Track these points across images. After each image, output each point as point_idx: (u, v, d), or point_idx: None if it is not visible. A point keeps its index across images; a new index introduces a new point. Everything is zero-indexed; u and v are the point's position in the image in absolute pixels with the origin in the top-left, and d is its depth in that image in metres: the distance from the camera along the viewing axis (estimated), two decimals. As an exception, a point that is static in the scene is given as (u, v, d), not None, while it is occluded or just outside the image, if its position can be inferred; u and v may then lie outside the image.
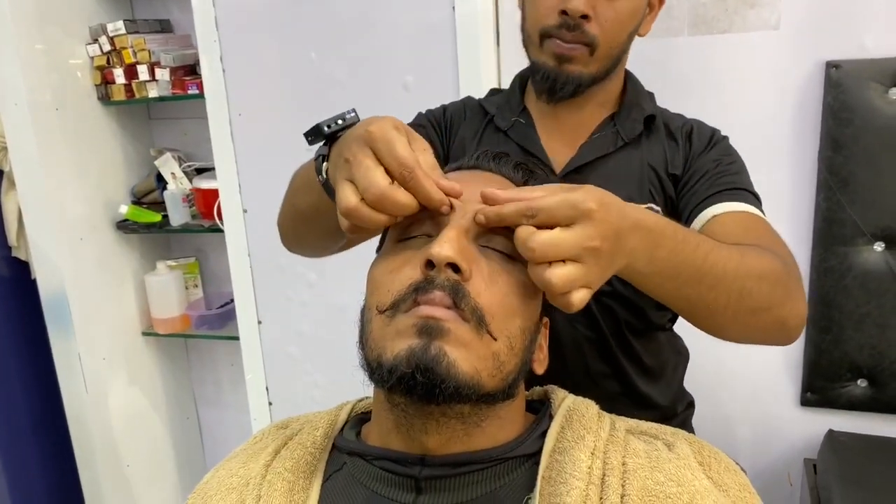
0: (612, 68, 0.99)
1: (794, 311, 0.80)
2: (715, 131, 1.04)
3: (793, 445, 1.75)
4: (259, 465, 0.75)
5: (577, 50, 0.94)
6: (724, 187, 0.94)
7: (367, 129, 0.63)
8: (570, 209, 0.60)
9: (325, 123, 0.74)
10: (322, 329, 1.98)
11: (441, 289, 0.64)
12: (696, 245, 0.71)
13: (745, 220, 0.90)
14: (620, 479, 0.66)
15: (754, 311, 0.76)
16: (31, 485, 2.24)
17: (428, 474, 0.68)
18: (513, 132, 1.04)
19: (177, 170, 2.15)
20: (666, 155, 1.01)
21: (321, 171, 0.75)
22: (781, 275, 0.78)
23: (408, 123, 1.08)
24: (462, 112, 1.11)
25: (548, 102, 1.01)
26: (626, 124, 1.02)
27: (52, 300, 2.06)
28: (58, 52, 1.99)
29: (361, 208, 0.63)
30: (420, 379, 0.61)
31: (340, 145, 0.69)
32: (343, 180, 0.64)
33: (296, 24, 1.80)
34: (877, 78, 1.51)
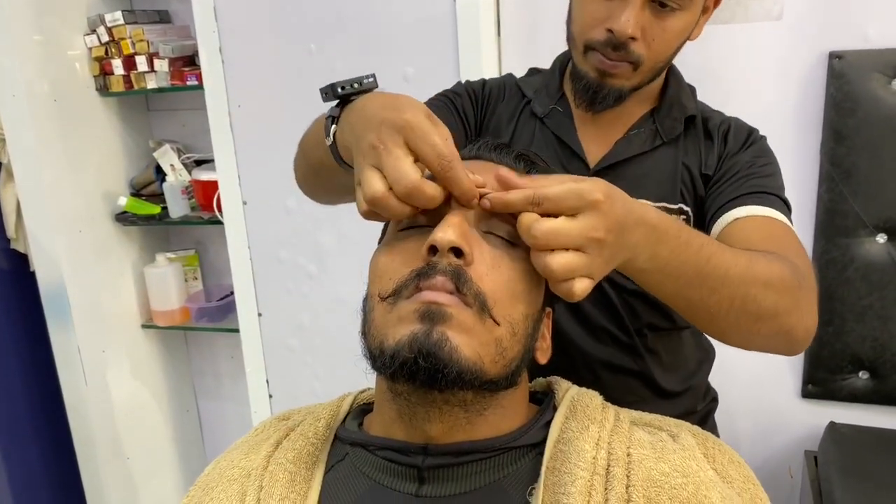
0: (656, 76, 0.97)
1: (802, 322, 0.78)
2: (752, 131, 1.01)
3: (794, 437, 1.75)
4: (261, 456, 0.75)
5: (620, 67, 0.91)
6: (752, 190, 0.92)
7: (402, 117, 0.61)
8: (576, 199, 0.60)
9: (340, 84, 0.73)
10: (322, 321, 1.97)
11: (443, 274, 0.63)
12: (700, 246, 0.70)
13: (768, 225, 0.88)
14: (625, 470, 0.65)
15: (758, 317, 0.75)
16: (31, 478, 2.24)
17: (431, 463, 0.68)
18: (549, 120, 1.02)
19: (176, 161, 2.14)
20: (701, 155, 0.99)
21: (329, 132, 0.74)
22: (791, 284, 0.76)
23: (444, 91, 1.07)
24: (501, 90, 1.08)
25: (586, 111, 0.98)
26: (665, 122, 1.00)
27: (51, 293, 2.05)
28: (56, 43, 1.98)
29: (389, 199, 0.61)
30: (422, 364, 0.61)
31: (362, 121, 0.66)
32: (370, 167, 0.62)
33: (295, 15, 1.79)
34: (880, 69, 1.50)
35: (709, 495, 0.64)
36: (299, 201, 1.91)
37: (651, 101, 1.02)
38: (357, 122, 0.67)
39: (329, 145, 0.74)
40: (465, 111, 1.04)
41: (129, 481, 2.27)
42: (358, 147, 0.65)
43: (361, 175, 0.63)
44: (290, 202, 1.91)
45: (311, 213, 1.90)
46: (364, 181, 0.62)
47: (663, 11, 0.89)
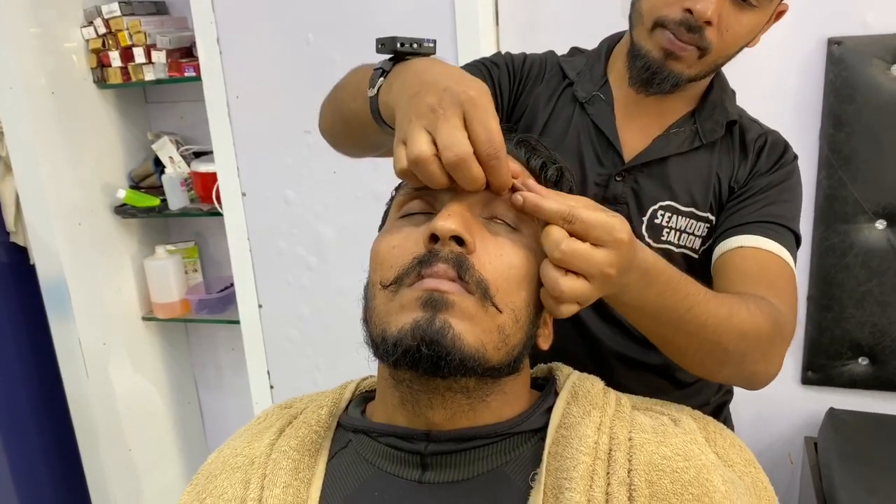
0: (711, 73, 0.96)
1: (765, 370, 0.82)
2: (785, 152, 1.00)
3: (794, 424, 1.76)
4: (264, 444, 0.75)
5: (688, 51, 0.89)
6: (765, 219, 0.92)
7: (467, 92, 0.61)
8: (606, 232, 0.61)
9: (400, 40, 0.72)
10: (322, 312, 1.98)
11: (445, 261, 0.63)
12: (686, 294, 0.72)
13: (767, 261, 0.89)
14: (627, 454, 0.66)
15: (724, 362, 0.78)
16: (33, 470, 2.24)
17: (434, 450, 0.68)
18: (590, 107, 1.00)
19: (174, 153, 2.14)
20: (734, 167, 0.98)
21: (374, 84, 0.73)
22: (766, 335, 0.79)
23: (483, 59, 1.05)
24: (542, 68, 1.05)
25: (638, 92, 0.96)
26: (706, 125, 0.98)
27: (51, 286, 2.05)
28: (52, 35, 1.97)
29: (433, 163, 0.61)
30: (425, 352, 0.61)
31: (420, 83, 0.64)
32: (421, 128, 0.61)
33: (292, 5, 1.78)
34: (879, 54, 1.50)
35: (710, 478, 0.65)
36: (298, 192, 1.91)
37: (693, 102, 1.00)
38: (413, 81, 0.66)
39: (370, 97, 0.73)
40: (500, 84, 1.02)
41: (132, 473, 2.27)
42: (410, 106, 0.63)
43: (410, 133, 0.62)
44: (290, 193, 1.91)
45: (310, 204, 1.90)
46: (412, 139, 0.61)
47: (742, 5, 0.88)
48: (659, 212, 0.98)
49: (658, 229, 0.98)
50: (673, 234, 0.98)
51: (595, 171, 0.99)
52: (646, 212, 0.98)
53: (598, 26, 1.64)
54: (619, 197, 0.98)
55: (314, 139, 1.83)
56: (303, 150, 1.86)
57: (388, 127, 0.73)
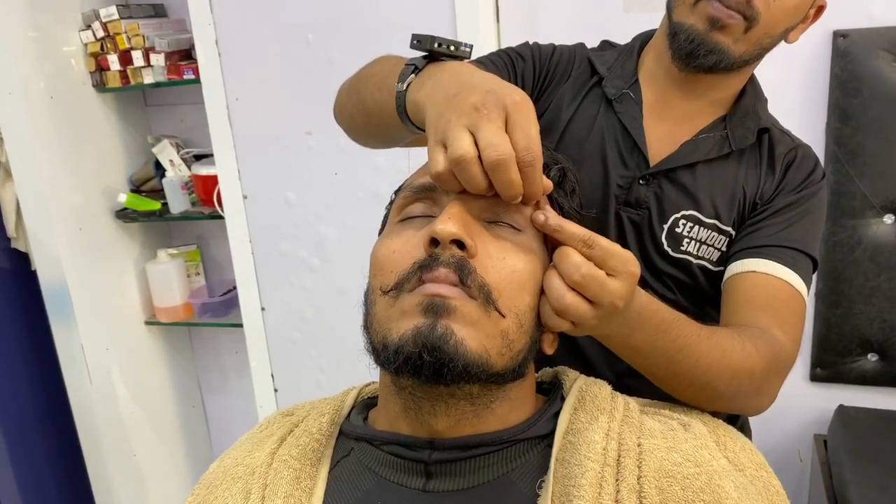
0: (752, 59, 0.92)
1: (757, 404, 0.83)
2: (814, 171, 0.97)
3: (803, 421, 1.74)
4: (264, 453, 0.73)
5: (735, 18, 0.86)
6: (783, 243, 0.91)
7: (512, 96, 0.60)
8: (621, 263, 0.63)
9: (438, 40, 0.71)
10: (325, 314, 1.96)
11: (446, 266, 0.62)
12: (678, 336, 0.72)
13: (777, 290, 0.88)
14: (636, 461, 0.64)
15: (713, 399, 0.78)
16: (39, 476, 2.24)
17: (438, 458, 0.67)
18: (619, 105, 0.97)
19: (175, 157, 2.13)
20: (760, 182, 0.96)
21: (404, 80, 0.72)
22: (760, 374, 0.78)
23: (508, 49, 1.03)
24: (570, 63, 1.02)
25: (681, 69, 0.92)
26: (737, 131, 0.96)
27: (52, 291, 2.04)
28: (51, 39, 1.96)
29: (475, 165, 0.59)
30: (427, 359, 0.60)
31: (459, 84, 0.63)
32: (463, 128, 0.60)
33: (291, 6, 1.77)
34: (885, 46, 1.48)
35: (722, 484, 0.63)
36: (300, 194, 1.90)
37: (725, 107, 0.98)
38: (451, 82, 0.65)
39: (398, 92, 0.72)
40: (523, 76, 1.00)
41: (137, 478, 2.26)
42: (450, 105, 0.62)
43: (451, 132, 0.60)
44: (291, 195, 1.90)
45: (312, 205, 1.89)
46: (453, 140, 0.60)
47: None
48: (681, 221, 0.95)
49: (678, 238, 0.96)
50: (693, 245, 0.96)
51: (618, 172, 0.97)
52: (667, 219, 0.96)
53: (600, 24, 1.64)
54: (640, 201, 0.96)
55: (315, 140, 1.82)
56: (304, 152, 1.85)
57: (411, 124, 0.72)
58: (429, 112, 0.65)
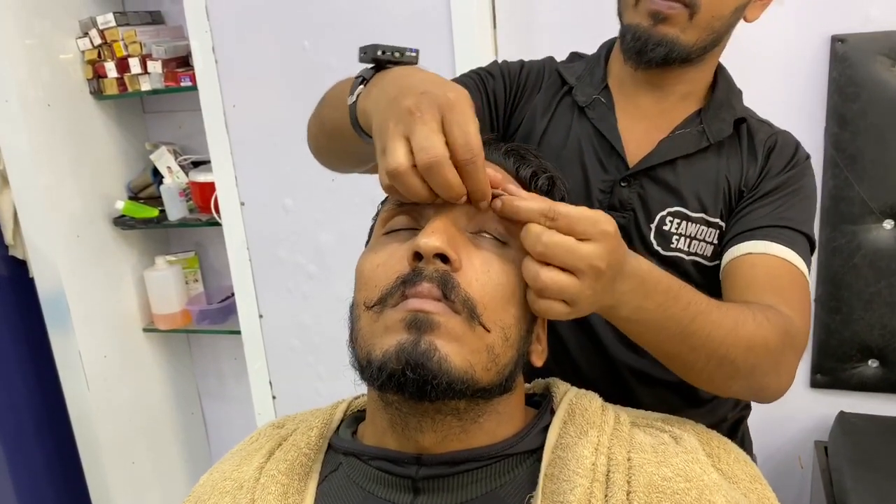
0: (708, 46, 0.92)
1: (776, 383, 0.79)
2: (798, 151, 0.97)
3: (803, 428, 1.73)
4: (252, 467, 0.73)
5: (675, 9, 0.86)
6: (776, 223, 0.89)
7: (446, 95, 0.59)
8: (590, 224, 0.59)
9: (382, 48, 0.70)
10: (323, 321, 1.96)
11: (430, 280, 0.61)
12: (688, 303, 0.70)
13: (777, 268, 0.86)
14: (626, 476, 0.63)
15: (732, 377, 0.75)
16: (37, 485, 2.23)
17: (425, 474, 0.66)
18: (591, 111, 0.97)
19: (173, 164, 2.13)
20: (743, 169, 0.95)
21: (354, 91, 0.71)
22: (775, 347, 0.76)
23: (478, 69, 1.03)
24: (540, 76, 1.03)
25: (636, 68, 0.93)
26: (713, 124, 0.95)
27: (50, 298, 2.04)
28: (48, 47, 1.96)
29: (410, 175, 0.58)
30: (411, 375, 0.59)
31: (399, 88, 0.63)
32: (399, 136, 0.59)
33: (288, 12, 1.77)
34: (883, 51, 1.47)
35: (713, 500, 0.62)
36: (297, 200, 1.89)
37: (698, 101, 0.98)
38: (392, 88, 0.64)
39: (350, 105, 0.72)
40: (495, 95, 1.00)
41: (136, 485, 2.26)
42: (389, 111, 0.61)
43: (388, 142, 0.60)
44: (288, 201, 1.90)
45: (309, 211, 1.89)
46: (389, 150, 0.59)
47: None
48: (668, 218, 0.94)
49: (667, 236, 0.95)
50: (683, 242, 0.94)
51: (599, 177, 0.96)
52: (654, 218, 0.95)
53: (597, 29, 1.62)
54: (625, 203, 0.95)
55: (312, 147, 1.82)
56: (301, 158, 1.83)
57: (366, 136, 0.71)
58: (374, 120, 0.65)
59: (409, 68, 0.68)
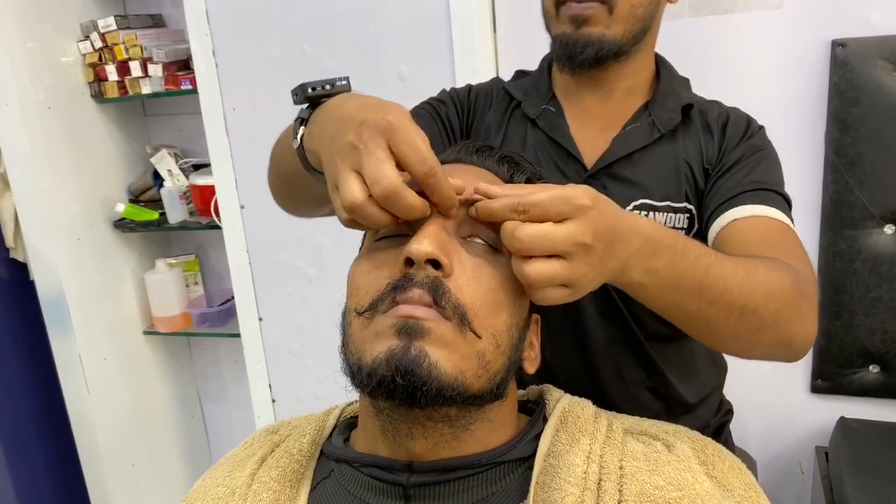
0: (638, 35, 0.93)
1: (803, 331, 0.76)
2: (751, 121, 0.98)
3: (804, 433, 1.72)
4: (245, 473, 0.73)
5: (592, 8, 0.88)
6: (751, 187, 0.89)
7: (386, 118, 0.58)
8: (563, 204, 0.58)
9: (311, 84, 0.70)
10: (323, 324, 1.96)
11: (420, 286, 0.61)
12: (698, 257, 0.68)
13: (767, 227, 0.86)
14: (617, 484, 0.63)
15: (758, 328, 0.73)
16: (36, 488, 2.23)
17: (416, 481, 0.65)
18: (542, 121, 0.98)
19: (173, 167, 2.13)
20: (701, 148, 0.96)
21: (297, 135, 0.71)
22: (792, 293, 0.74)
23: (429, 99, 1.04)
24: (488, 96, 1.04)
25: (572, 74, 0.95)
26: (662, 114, 0.96)
27: (50, 301, 2.04)
28: (49, 50, 1.97)
29: (368, 206, 0.58)
30: (400, 382, 0.58)
31: (337, 122, 0.62)
32: (349, 170, 0.58)
33: (288, 16, 1.77)
34: (884, 56, 1.47)
35: (705, 508, 0.62)
36: (297, 204, 1.89)
37: (644, 95, 0.99)
38: (329, 122, 0.64)
39: (296, 149, 0.71)
40: (449, 120, 1.02)
41: (135, 488, 2.26)
42: (333, 148, 0.61)
43: (339, 178, 0.59)
44: (288, 205, 1.89)
45: (309, 215, 1.89)
46: (342, 186, 0.59)
47: None
48: (634, 211, 0.94)
49: None
50: None
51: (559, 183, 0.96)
52: None
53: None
54: None
55: (311, 150, 1.82)
56: (301, 162, 1.84)
57: (321, 175, 0.70)
58: (322, 159, 0.64)
59: (342, 97, 0.68)
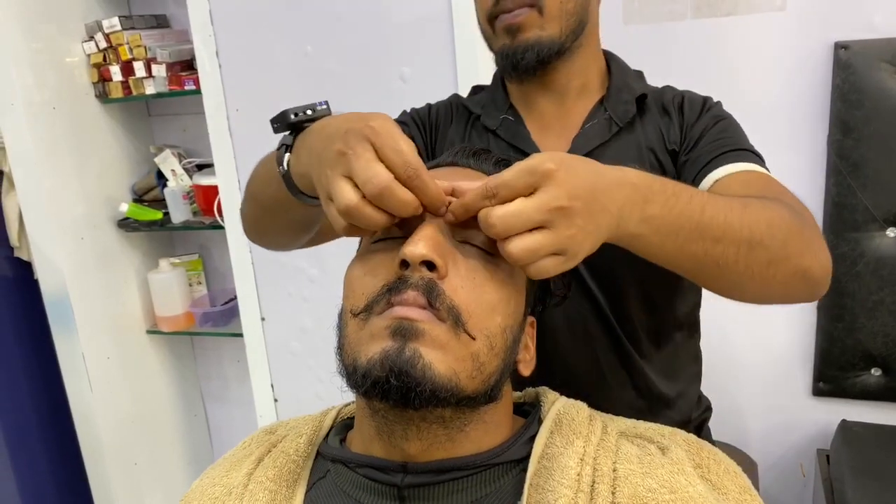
0: (576, 30, 0.93)
1: (817, 259, 0.74)
2: (706, 98, 0.99)
3: (805, 436, 1.72)
4: (241, 473, 0.73)
5: (522, 14, 0.89)
6: (723, 150, 0.90)
7: (369, 125, 0.59)
8: (528, 176, 0.58)
9: (292, 111, 0.71)
10: (324, 324, 1.94)
11: (415, 288, 0.61)
12: (690, 197, 0.67)
13: (748, 178, 0.85)
14: (611, 487, 0.63)
15: (769, 262, 0.71)
16: (40, 485, 2.24)
17: (410, 482, 0.66)
18: (502, 131, 1.00)
19: (177, 167, 2.14)
20: (662, 132, 0.97)
21: (282, 161, 0.72)
22: (794, 223, 0.73)
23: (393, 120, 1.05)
24: (449, 112, 1.06)
25: (521, 82, 0.97)
26: (617, 108, 0.97)
27: (54, 300, 2.05)
28: (54, 50, 1.98)
29: (363, 207, 0.59)
30: (394, 383, 0.59)
31: (324, 139, 0.64)
32: (339, 177, 0.60)
33: (291, 17, 1.77)
34: (887, 58, 1.46)
35: (698, 511, 0.62)
36: (299, 204, 1.89)
37: (597, 92, 1.00)
38: (317, 141, 0.65)
39: (283, 175, 0.72)
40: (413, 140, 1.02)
41: (138, 487, 2.26)
42: (322, 162, 0.62)
43: (331, 187, 0.60)
44: (291, 205, 1.90)
45: (311, 216, 1.89)
46: (335, 193, 0.59)
47: None
48: None
49: None
50: None
51: None
52: None
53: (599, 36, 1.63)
54: None
55: (314, 151, 1.82)
56: (303, 162, 1.85)
57: (310, 199, 0.71)
58: (313, 177, 0.65)
59: (325, 119, 0.69)
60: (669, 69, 1.59)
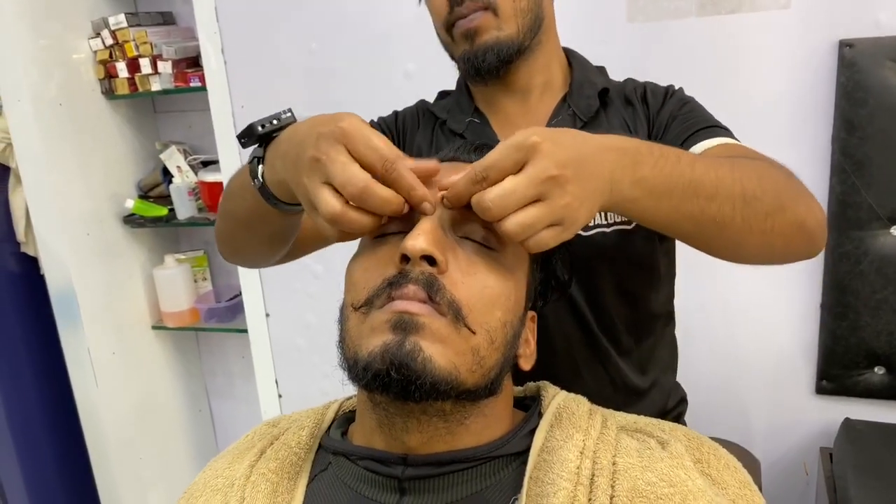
0: (533, 28, 0.94)
1: (811, 211, 0.75)
2: (668, 86, 1.00)
3: (808, 434, 1.72)
4: (244, 465, 0.74)
5: (477, 18, 0.89)
6: (695, 129, 0.91)
7: (339, 126, 0.59)
8: (515, 152, 0.58)
9: (258, 123, 0.71)
10: (329, 321, 1.94)
11: (415, 282, 0.62)
12: (678, 157, 0.68)
13: (726, 150, 0.86)
14: (610, 480, 0.63)
15: (766, 214, 0.71)
16: (45, 480, 2.25)
17: (411, 474, 0.66)
18: (468, 133, 1.00)
19: (182, 163, 2.14)
20: (627, 124, 0.97)
21: (256, 174, 0.72)
22: (781, 176, 0.74)
23: None
24: (415, 118, 1.07)
25: (485, 84, 0.97)
26: (580, 103, 0.98)
27: (60, 295, 2.06)
28: (60, 47, 1.99)
29: (348, 213, 0.59)
30: (395, 376, 0.59)
31: (296, 145, 0.64)
32: (318, 185, 0.60)
33: (296, 14, 1.78)
34: (892, 56, 1.46)
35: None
36: (304, 201, 1.90)
37: (560, 90, 1.01)
38: (289, 149, 0.65)
39: (259, 187, 0.72)
40: None
41: (143, 482, 2.28)
42: (299, 169, 0.62)
43: (312, 196, 0.60)
44: (295, 202, 1.90)
45: (316, 212, 1.89)
46: (317, 202, 0.60)
47: None
48: None
49: None
50: (599, 216, 0.94)
51: None
52: None
53: (602, 34, 1.63)
54: None
55: (319, 148, 1.83)
56: (308, 159, 1.85)
57: (289, 206, 0.71)
58: (291, 185, 0.65)
59: (293, 126, 0.69)
60: (673, 67, 1.59)
